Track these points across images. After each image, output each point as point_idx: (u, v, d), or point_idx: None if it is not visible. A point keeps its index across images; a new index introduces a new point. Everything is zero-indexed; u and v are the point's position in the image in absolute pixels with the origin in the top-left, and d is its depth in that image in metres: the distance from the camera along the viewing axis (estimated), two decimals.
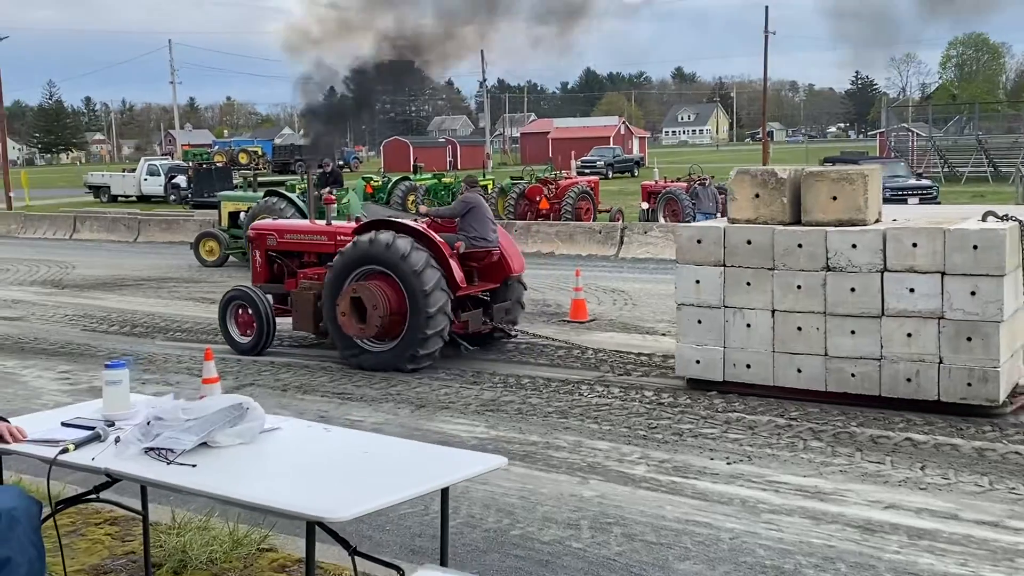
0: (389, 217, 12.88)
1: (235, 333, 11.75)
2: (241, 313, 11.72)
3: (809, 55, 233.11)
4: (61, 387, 10.18)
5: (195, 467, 3.64)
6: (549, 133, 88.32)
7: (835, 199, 8.79)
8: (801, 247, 8.76)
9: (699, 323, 9.30)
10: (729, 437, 7.87)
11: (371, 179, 32.60)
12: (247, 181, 25.85)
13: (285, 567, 5.21)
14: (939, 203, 26.59)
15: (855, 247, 8.52)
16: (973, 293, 8.08)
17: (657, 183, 28.00)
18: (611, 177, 56.01)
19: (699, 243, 9.31)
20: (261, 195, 21.26)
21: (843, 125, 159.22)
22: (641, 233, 20.74)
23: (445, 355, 11.13)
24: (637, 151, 78.39)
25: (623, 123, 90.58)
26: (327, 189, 20.78)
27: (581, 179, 29.99)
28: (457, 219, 11.47)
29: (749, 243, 9.02)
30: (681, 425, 8.25)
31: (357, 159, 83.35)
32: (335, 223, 12.18)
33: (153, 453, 3.74)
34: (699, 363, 9.33)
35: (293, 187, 22.21)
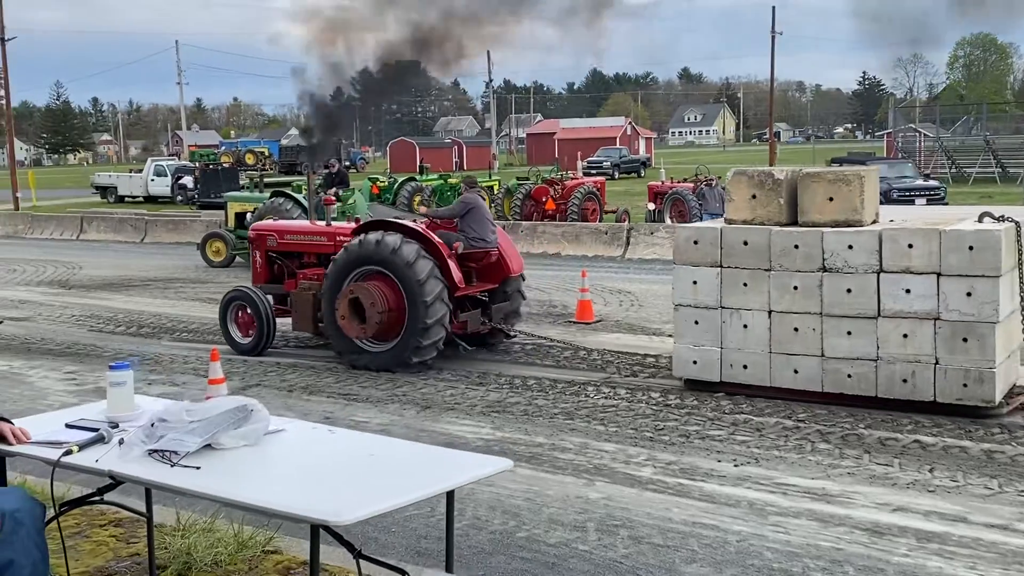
0: (395, 218, 12.87)
1: (235, 333, 11.76)
2: (241, 314, 11.74)
3: (816, 55, 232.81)
4: (67, 387, 10.18)
5: (199, 469, 3.62)
6: (555, 134, 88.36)
7: (831, 200, 8.80)
8: (797, 248, 8.77)
9: (696, 324, 9.31)
10: (736, 439, 7.84)
11: (377, 180, 32.62)
12: (253, 182, 25.86)
13: (290, 569, 5.19)
14: (947, 204, 26.53)
15: (851, 248, 8.53)
16: (969, 294, 8.08)
17: (663, 184, 27.96)
18: (617, 178, 55.98)
19: (696, 244, 9.31)
20: (267, 196, 21.28)
21: (850, 126, 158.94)
22: (647, 234, 20.71)
23: (449, 356, 11.11)
24: (643, 152, 78.36)
25: (629, 124, 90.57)
26: (333, 190, 20.82)
27: (587, 180, 29.93)
28: (456, 220, 11.49)
29: (746, 244, 9.03)
30: (688, 427, 8.22)
31: (363, 160, 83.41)
32: (335, 224, 12.22)
33: (157, 455, 3.72)
34: (696, 364, 9.34)
35: (299, 188, 22.21)
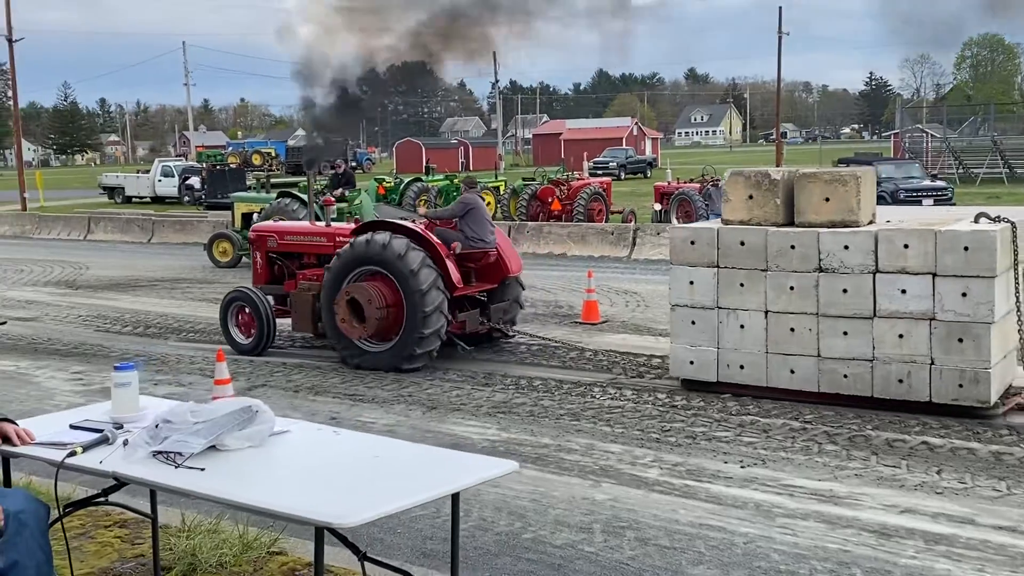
0: (401, 219, 12.88)
1: (236, 334, 11.80)
2: (242, 314, 11.77)
3: (822, 56, 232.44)
4: (74, 388, 10.18)
5: (203, 471, 3.61)
6: (561, 134, 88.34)
7: (828, 200, 8.80)
8: (794, 248, 8.77)
9: (693, 324, 9.32)
10: (743, 440, 7.81)
11: (383, 180, 32.64)
12: (260, 182, 25.89)
13: (295, 571, 5.18)
14: (954, 204, 26.44)
15: (847, 248, 8.53)
16: (964, 294, 8.08)
17: (670, 184, 27.93)
18: (623, 178, 55.92)
19: (693, 244, 9.32)
20: (274, 196, 21.29)
21: (857, 126, 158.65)
22: (654, 234, 20.68)
23: (455, 357, 11.11)
24: (650, 152, 78.27)
25: (636, 124, 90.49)
26: (340, 190, 20.83)
27: (593, 180, 29.92)
28: (456, 220, 11.52)
29: (742, 244, 9.03)
30: (694, 428, 8.19)
31: (370, 160, 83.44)
32: (335, 224, 12.26)
33: (161, 456, 3.71)
34: (693, 364, 9.34)
35: (306, 188, 22.22)
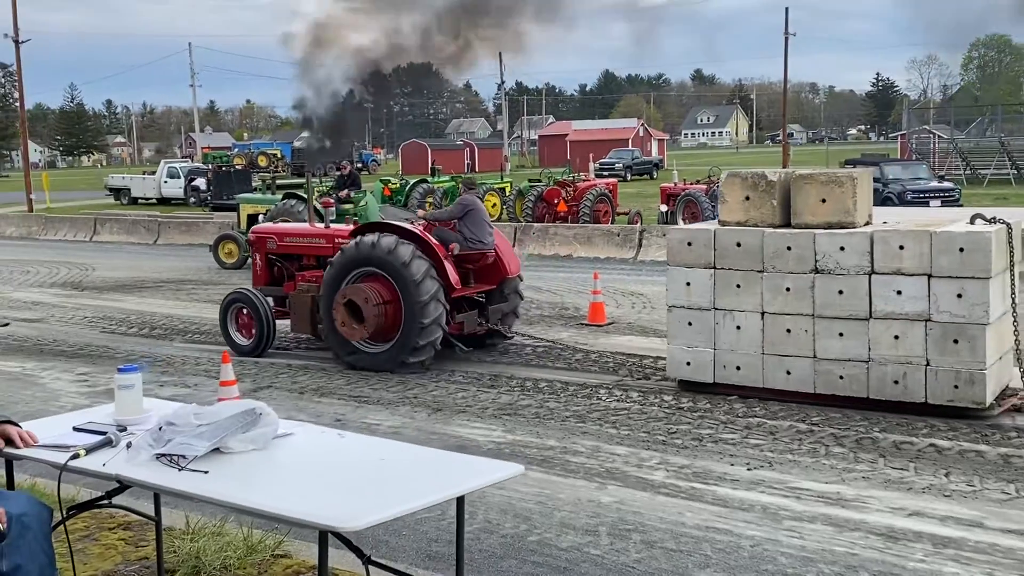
0: (404, 220, 12.88)
1: (235, 335, 11.81)
2: (241, 315, 11.79)
3: (829, 57, 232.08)
4: (79, 389, 10.18)
5: (207, 473, 3.59)
6: (567, 135, 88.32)
7: (824, 202, 8.81)
8: (790, 249, 8.78)
9: (689, 325, 9.33)
10: (750, 442, 7.77)
11: (389, 182, 32.65)
12: (266, 184, 25.90)
13: (300, 574, 5.16)
14: (961, 205, 26.37)
15: (843, 249, 8.54)
16: (959, 295, 8.08)
17: (676, 185, 27.87)
18: (630, 179, 55.86)
19: (689, 245, 9.33)
20: (280, 198, 21.28)
21: (863, 127, 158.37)
22: (660, 236, 20.61)
23: (460, 358, 11.10)
24: (656, 153, 78.18)
25: (642, 125, 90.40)
26: (345, 192, 20.82)
27: (599, 181, 29.88)
28: (455, 221, 11.53)
29: (739, 245, 9.04)
30: (701, 430, 8.16)
31: (375, 161, 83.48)
32: (333, 226, 12.32)
33: (165, 459, 3.69)
34: (690, 365, 9.36)
35: (312, 190, 22.16)
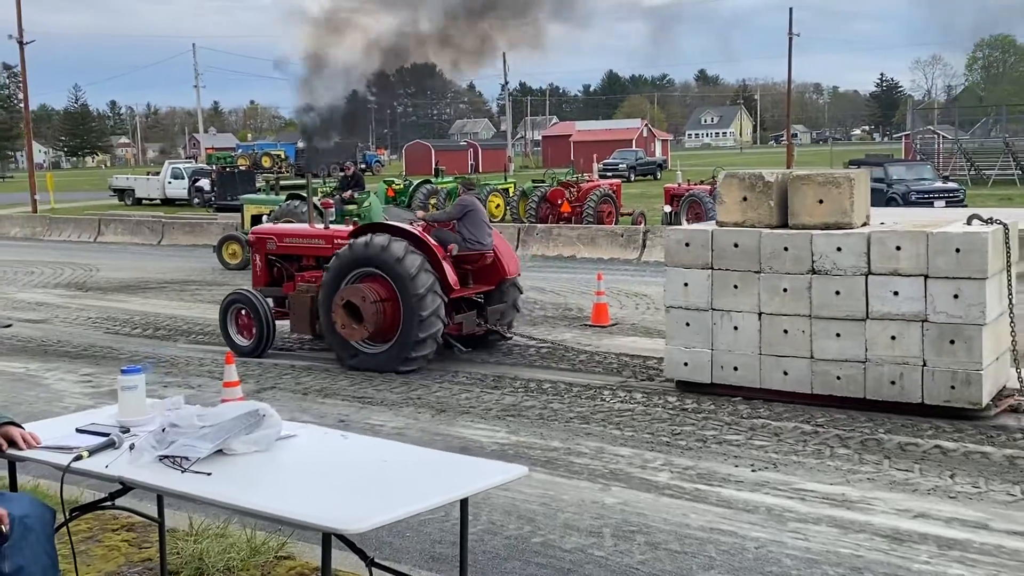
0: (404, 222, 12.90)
1: (235, 336, 11.83)
2: (241, 316, 11.81)
3: (833, 57, 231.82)
4: (83, 390, 10.18)
5: (210, 475, 3.58)
6: (571, 136, 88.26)
7: (821, 202, 8.82)
8: (787, 250, 8.79)
9: (687, 325, 9.35)
10: (754, 444, 7.75)
11: (392, 182, 32.66)
12: (270, 184, 25.90)
13: (303, 575, 5.15)
14: (966, 206, 26.34)
15: (840, 250, 8.55)
16: (956, 296, 8.09)
17: (680, 186, 27.87)
18: (633, 180, 55.83)
19: (687, 246, 9.34)
20: (284, 198, 21.30)
21: (867, 127, 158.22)
22: (663, 237, 20.60)
23: (464, 359, 11.10)
24: (660, 154, 78.17)
25: (645, 126, 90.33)
26: (349, 192, 20.84)
27: (603, 182, 29.86)
28: (454, 222, 11.56)
29: (736, 246, 9.05)
30: (705, 431, 8.14)
31: (379, 162, 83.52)
32: (333, 227, 12.37)
33: (168, 461, 3.68)
34: (687, 365, 9.37)
35: (315, 191, 22.18)
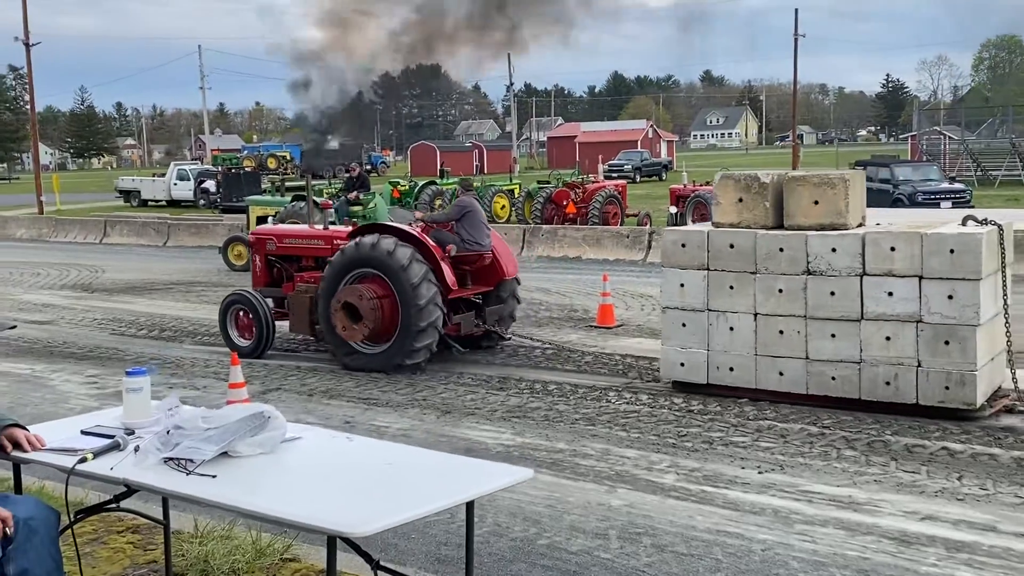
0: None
1: (235, 336, 11.86)
2: (241, 316, 11.83)
3: (838, 58, 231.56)
4: (89, 391, 10.18)
5: (215, 477, 3.57)
6: (576, 137, 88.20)
7: (817, 203, 8.84)
8: (782, 251, 8.81)
9: (683, 326, 9.36)
10: (760, 446, 7.73)
11: (398, 183, 32.63)
12: (275, 186, 25.92)
13: None
14: (973, 207, 26.27)
15: (835, 251, 8.57)
16: (950, 297, 8.11)
17: (686, 187, 27.82)
18: (639, 181, 55.81)
19: (683, 247, 9.36)
20: (289, 200, 21.31)
21: (873, 128, 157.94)
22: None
23: (469, 361, 11.09)
24: (665, 155, 78.04)
25: (651, 127, 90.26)
26: (354, 194, 20.84)
27: (608, 183, 29.85)
28: (452, 223, 11.58)
29: (732, 247, 9.07)
30: (711, 433, 8.12)
31: (384, 163, 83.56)
32: (332, 228, 12.42)
33: (172, 463, 3.67)
34: (683, 366, 9.38)
35: (321, 192, 22.25)
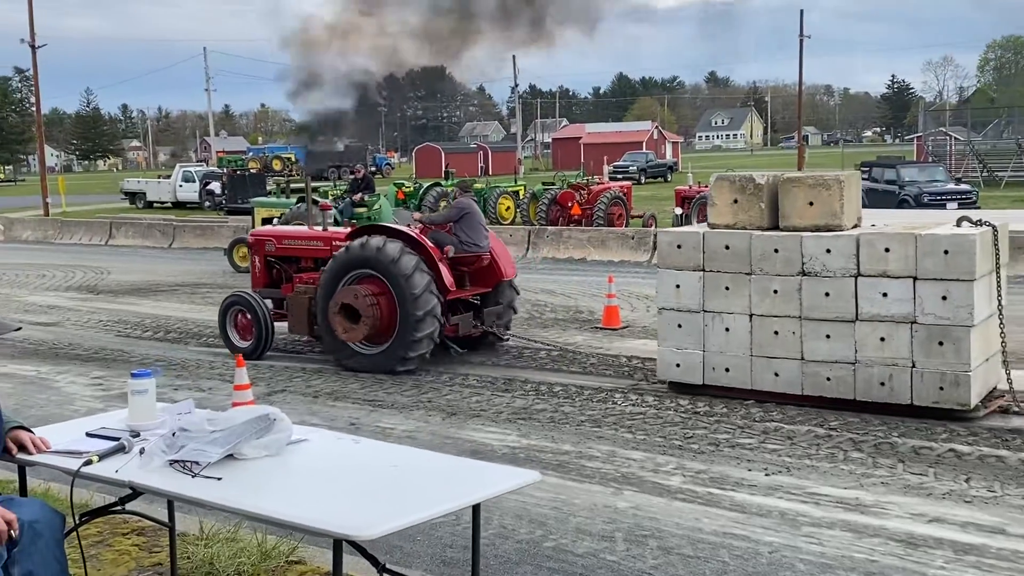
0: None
1: (234, 337, 11.89)
2: (240, 318, 11.86)
3: (844, 59, 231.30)
4: (94, 393, 10.18)
5: (220, 480, 3.55)
6: (581, 138, 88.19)
7: (812, 205, 8.86)
8: (777, 252, 8.82)
9: (679, 327, 9.38)
10: (767, 447, 7.71)
11: (403, 185, 32.62)
12: (280, 187, 25.93)
13: None
14: (979, 208, 26.21)
15: (829, 252, 8.59)
16: (944, 298, 8.13)
17: (691, 188, 27.78)
18: (644, 182, 55.71)
19: (679, 248, 9.38)
20: (294, 201, 21.32)
21: (879, 129, 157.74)
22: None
23: (475, 362, 11.09)
24: (670, 156, 78.02)
25: (656, 128, 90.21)
26: (359, 195, 20.84)
27: (613, 184, 29.80)
28: (451, 224, 11.60)
29: (727, 248, 9.08)
30: (717, 435, 8.09)
31: (389, 165, 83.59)
32: (332, 229, 12.46)
33: (178, 465, 3.66)
34: (679, 367, 9.40)
35: (326, 194, 22.25)
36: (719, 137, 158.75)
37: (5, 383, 10.60)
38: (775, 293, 8.83)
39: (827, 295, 8.58)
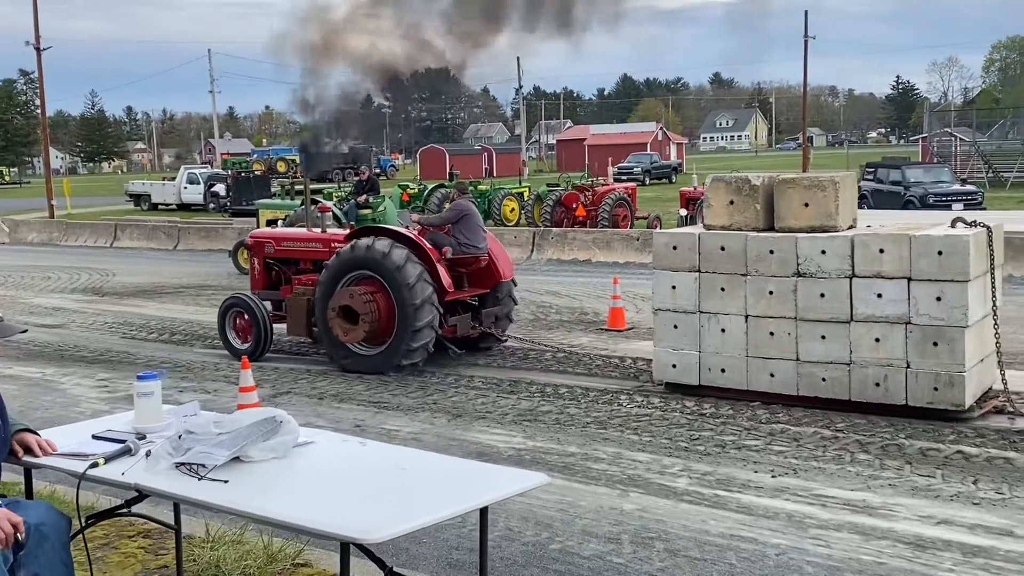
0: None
1: (233, 339, 11.90)
2: (239, 319, 11.88)
3: (848, 60, 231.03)
4: (100, 395, 10.18)
5: (227, 483, 3.54)
6: (585, 140, 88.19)
7: (807, 206, 8.87)
8: (773, 253, 8.83)
9: (675, 328, 9.39)
10: (773, 449, 7.68)
11: (407, 186, 32.64)
12: (285, 189, 25.94)
13: None
14: (984, 208, 26.19)
15: (824, 253, 8.60)
16: (939, 298, 8.14)
17: (696, 189, 27.70)
18: (648, 184, 55.72)
19: (675, 249, 9.38)
20: (298, 203, 21.31)
21: (884, 130, 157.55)
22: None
23: (480, 364, 11.08)
24: (675, 157, 77.98)
25: (660, 129, 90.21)
26: (364, 197, 20.85)
27: (618, 186, 29.79)
28: (449, 225, 11.61)
29: (723, 249, 9.10)
30: (724, 436, 8.07)
31: (393, 166, 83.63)
32: (330, 231, 12.47)
33: (184, 468, 3.65)
34: (675, 367, 9.41)
35: (330, 195, 22.26)
36: (723, 138, 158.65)
37: (11, 385, 10.60)
38: (770, 294, 8.84)
39: (822, 296, 8.60)
